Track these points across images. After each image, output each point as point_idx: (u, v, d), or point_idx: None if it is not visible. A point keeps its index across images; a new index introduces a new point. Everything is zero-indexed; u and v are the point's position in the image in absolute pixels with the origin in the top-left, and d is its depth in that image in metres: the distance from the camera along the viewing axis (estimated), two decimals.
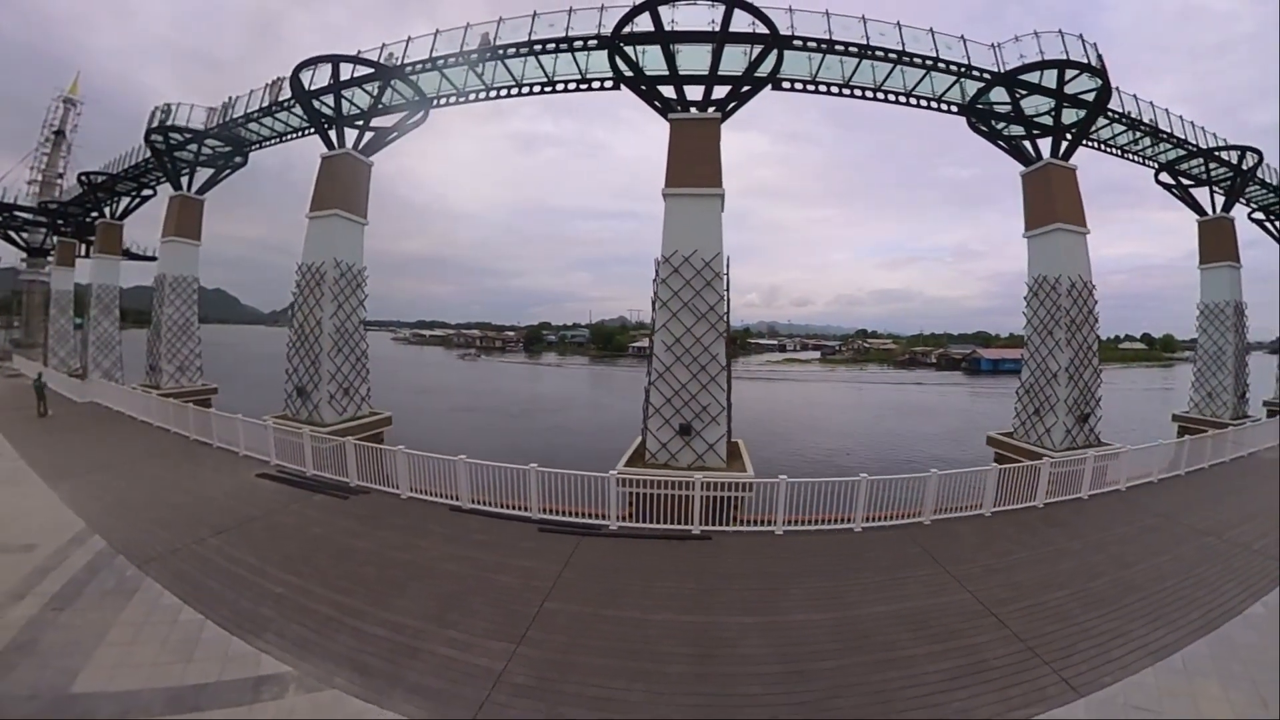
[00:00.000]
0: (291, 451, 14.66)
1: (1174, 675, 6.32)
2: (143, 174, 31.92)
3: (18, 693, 5.58)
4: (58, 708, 5.43)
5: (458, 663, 6.27)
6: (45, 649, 6.32)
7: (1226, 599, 8.07)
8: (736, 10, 15.73)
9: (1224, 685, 6.09)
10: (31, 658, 6.14)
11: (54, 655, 6.22)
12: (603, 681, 5.99)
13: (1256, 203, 29.70)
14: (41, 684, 5.73)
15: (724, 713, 5.59)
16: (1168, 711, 5.69)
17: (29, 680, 5.78)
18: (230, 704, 5.61)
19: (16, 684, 5.71)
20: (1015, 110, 19.23)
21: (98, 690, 5.69)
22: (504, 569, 8.68)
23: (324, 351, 18.31)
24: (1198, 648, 6.84)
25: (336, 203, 19.01)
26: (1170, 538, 10.70)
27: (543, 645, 6.61)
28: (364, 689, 5.80)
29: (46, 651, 6.28)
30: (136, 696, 5.62)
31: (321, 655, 6.37)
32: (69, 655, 6.21)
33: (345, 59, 19.01)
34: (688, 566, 9.18)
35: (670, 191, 16.66)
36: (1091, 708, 5.74)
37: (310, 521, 10.73)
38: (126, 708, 5.48)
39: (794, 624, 7.31)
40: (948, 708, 5.65)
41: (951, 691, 5.91)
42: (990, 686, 6.01)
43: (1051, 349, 18.11)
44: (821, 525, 10.78)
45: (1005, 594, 8.14)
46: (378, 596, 7.71)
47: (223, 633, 6.82)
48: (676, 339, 15.81)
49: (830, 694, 5.89)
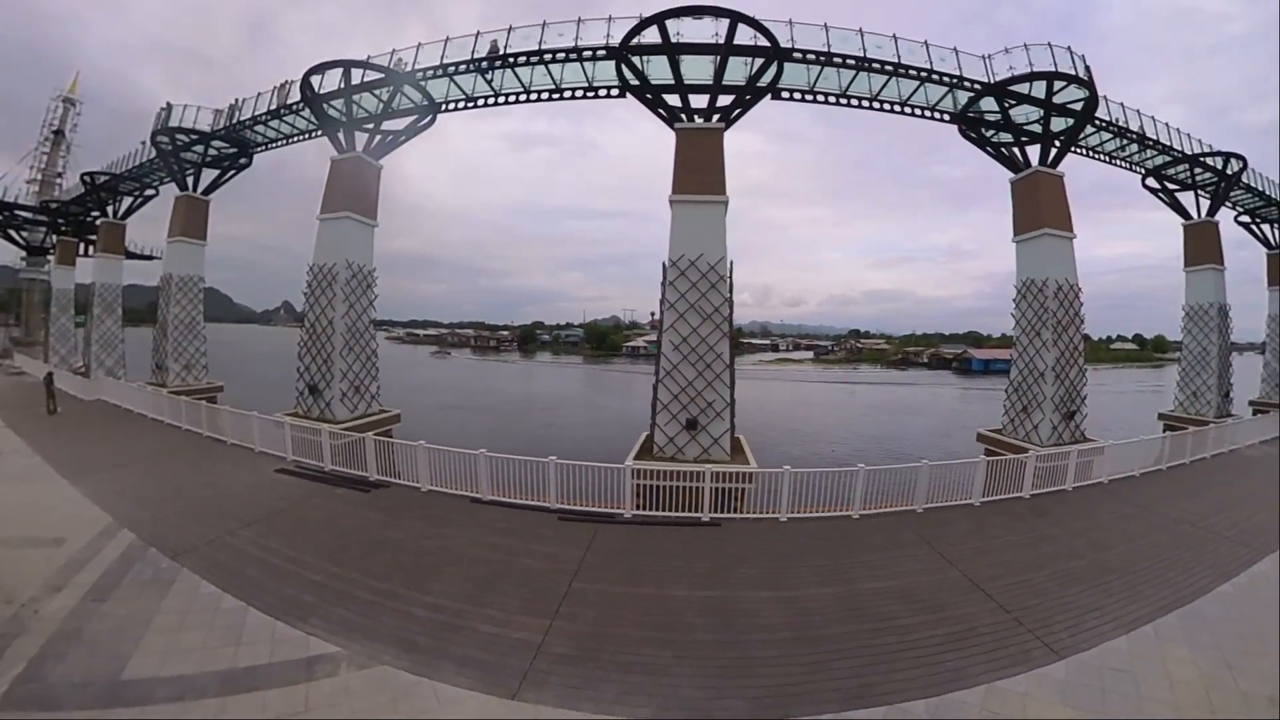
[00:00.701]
0: (307, 448, 15.12)
1: (1146, 642, 7.02)
2: (146, 174, 32.17)
3: (71, 680, 5.80)
4: (112, 694, 5.63)
5: (499, 637, 6.83)
6: (91, 638, 6.54)
7: (1198, 580, 8.75)
8: (740, 24, 16.41)
9: (1192, 651, 6.77)
10: (79, 647, 6.36)
11: (101, 644, 6.45)
12: (635, 649, 6.65)
13: (1243, 206, 30.54)
14: (93, 671, 5.95)
15: (744, 671, 6.26)
16: (1139, 672, 6.37)
17: (80, 668, 6.00)
18: (286, 683, 5.91)
19: (68, 672, 5.92)
20: (1005, 119, 20.01)
21: (150, 676, 5.94)
22: (530, 554, 9.30)
23: (336, 350, 18.82)
24: (1169, 620, 7.54)
25: (347, 205, 19.51)
26: (1147, 525, 11.44)
27: (576, 619, 7.25)
28: (413, 664, 6.22)
29: (93, 640, 6.50)
30: (190, 680, 5.90)
31: (368, 636, 6.77)
32: (116, 643, 6.46)
33: (356, 64, 19.50)
34: (700, 549, 9.85)
35: (676, 199, 17.31)
36: (1070, 668, 6.43)
37: (336, 514, 11.22)
38: (181, 691, 5.73)
39: (800, 597, 8.01)
40: (941, 667, 6.33)
41: (944, 653, 6.60)
42: (979, 649, 6.70)
43: (1039, 349, 18.93)
44: (822, 513, 11.50)
45: (992, 572, 8.86)
46: (415, 581, 8.22)
47: (267, 618, 7.12)
48: (683, 338, 16.50)
49: (835, 655, 6.58)
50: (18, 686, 5.68)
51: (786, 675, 6.22)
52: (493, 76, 19.57)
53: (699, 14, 16.51)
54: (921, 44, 18.69)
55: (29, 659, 6.09)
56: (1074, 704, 5.78)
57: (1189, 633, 7.22)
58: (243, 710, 5.51)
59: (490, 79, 19.70)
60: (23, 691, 5.62)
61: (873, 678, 6.16)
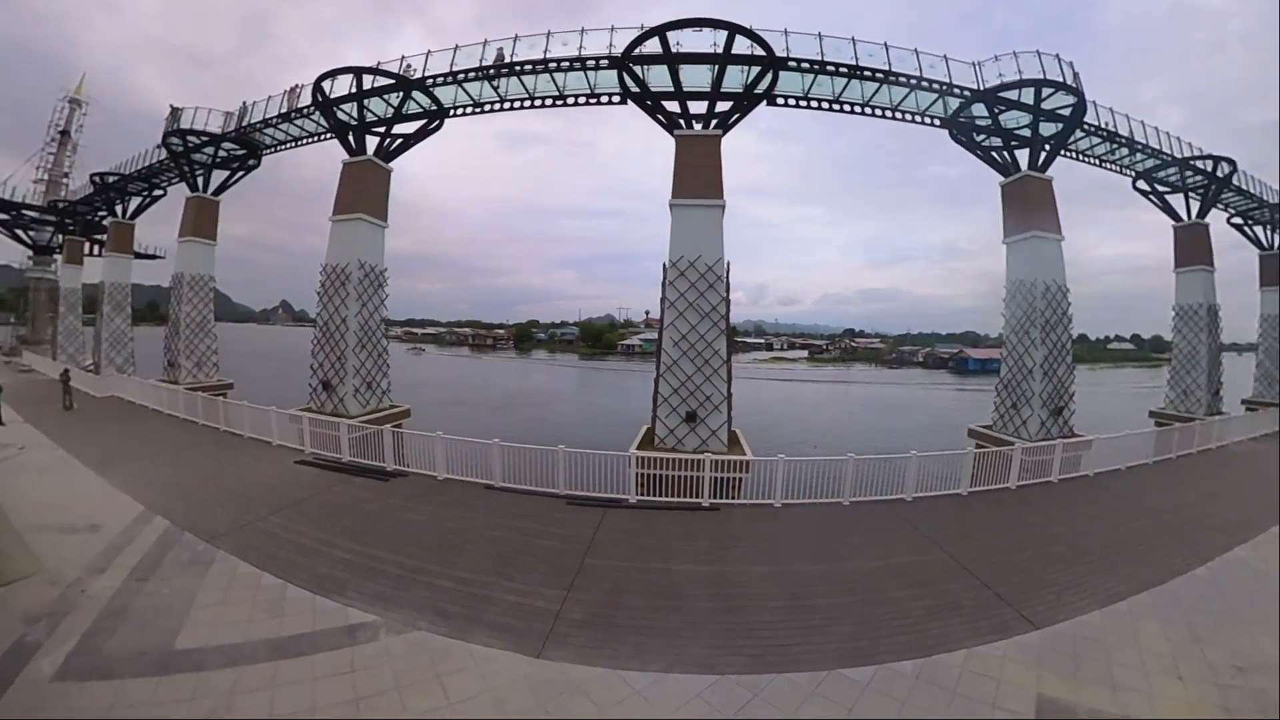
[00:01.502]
0: (324, 441, 15.72)
1: (1119, 616, 7.61)
2: (155, 175, 32.69)
3: (125, 652, 6.18)
4: (165, 664, 6.02)
5: (523, 606, 7.47)
6: (139, 614, 6.96)
7: (1174, 563, 9.30)
8: (737, 35, 17.14)
9: (1163, 625, 7.34)
10: (128, 622, 6.77)
11: (149, 619, 6.87)
12: (645, 615, 7.32)
13: (1234, 209, 31.04)
14: (145, 643, 6.34)
15: (745, 635, 6.91)
16: (1110, 642, 6.93)
17: (132, 641, 6.39)
18: (331, 649, 6.42)
19: (121, 644, 6.31)
20: (995, 124, 20.66)
21: (200, 646, 6.37)
22: (544, 535, 9.95)
23: (349, 347, 19.44)
24: (1142, 597, 8.11)
25: (360, 206, 20.14)
26: (1129, 514, 12.07)
27: (590, 590, 7.91)
28: (447, 629, 6.82)
29: (141, 616, 6.91)
30: (240, 649, 6.35)
31: (402, 606, 7.37)
32: (164, 618, 6.88)
33: (367, 70, 20.12)
34: (701, 531, 10.53)
35: (676, 202, 18.04)
36: (1046, 638, 7.03)
37: (360, 500, 11.83)
38: (233, 658, 6.15)
39: (795, 572, 8.68)
40: (926, 634, 6.98)
41: (929, 622, 7.25)
42: (962, 619, 7.34)
43: (1028, 347, 19.63)
44: (814, 500, 12.17)
45: (976, 554, 9.51)
46: (440, 558, 8.87)
47: (306, 593, 7.66)
48: (683, 335, 17.22)
49: (828, 623, 7.24)
50: (73, 659, 6.04)
51: (783, 638, 6.87)
52: (500, 83, 20.19)
53: (699, 26, 17.25)
54: (912, 51, 19.34)
55: (81, 634, 6.46)
56: (1048, 668, 6.38)
57: (1161, 609, 7.79)
58: (295, 673, 5.99)
59: (497, 86, 20.33)
60: (79, 663, 5.97)
61: (863, 642, 6.80)
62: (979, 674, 6.16)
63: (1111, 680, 6.19)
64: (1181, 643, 6.96)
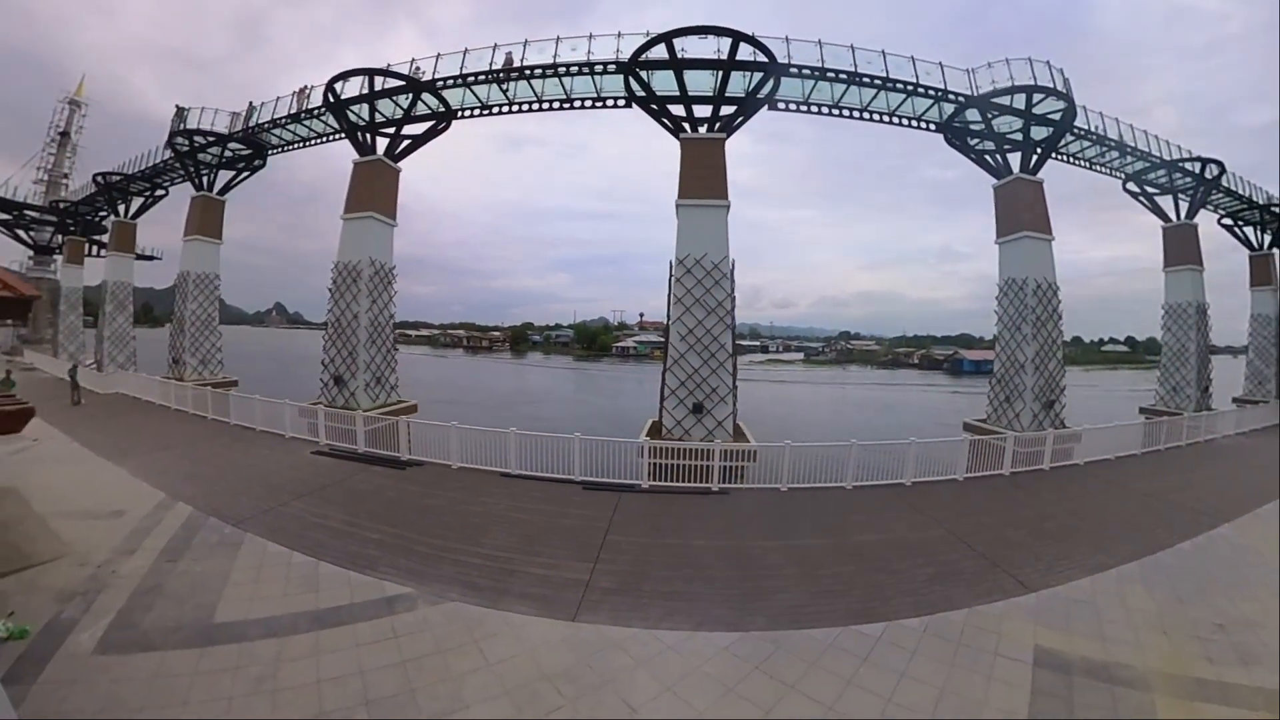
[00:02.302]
0: (337, 433, 16.10)
1: (1108, 581, 8.22)
2: (158, 174, 32.93)
3: (163, 626, 6.38)
4: (206, 635, 6.23)
5: (552, 578, 7.93)
6: (174, 591, 7.16)
7: (1160, 539, 9.89)
8: (741, 43, 17.76)
9: (1148, 589, 7.95)
10: (164, 599, 6.95)
11: (185, 595, 7.05)
12: (670, 583, 7.81)
13: (1224, 209, 31.82)
14: (183, 618, 6.55)
15: (761, 599, 7.43)
16: (1100, 603, 7.53)
17: (170, 616, 6.59)
18: (370, 618, 6.74)
19: (159, 619, 6.53)
20: (988, 129, 21.35)
21: (239, 619, 6.58)
22: (565, 516, 10.42)
23: (361, 343, 19.84)
24: (1130, 566, 8.72)
25: (371, 205, 20.56)
26: (1117, 497, 12.73)
27: (615, 562, 8.39)
28: (480, 600, 7.20)
29: (175, 593, 7.10)
30: (279, 620, 6.58)
31: (435, 580, 7.74)
32: (200, 594, 7.09)
33: (379, 72, 20.58)
34: (713, 512, 11.09)
35: (682, 203, 18.65)
36: (1041, 599, 7.60)
37: (380, 487, 12.23)
38: (273, 630, 6.38)
39: (803, 546, 9.24)
40: (930, 596, 7.51)
41: (931, 586, 7.79)
42: (962, 584, 7.89)
43: (1019, 343, 20.29)
44: (818, 484, 12.73)
45: (974, 530, 10.09)
46: (467, 537, 9.28)
47: (339, 570, 7.95)
48: (689, 330, 17.79)
49: (838, 587, 7.78)
50: (112, 633, 6.22)
51: (797, 600, 7.39)
52: (508, 86, 20.71)
53: (704, 33, 17.92)
54: (908, 58, 20.02)
55: (117, 610, 6.66)
56: (1043, 624, 6.92)
57: (1147, 576, 8.40)
58: (338, 641, 6.30)
59: (505, 89, 20.84)
60: (118, 637, 6.13)
61: (872, 603, 7.33)
62: (980, 628, 6.69)
63: (1102, 634, 6.75)
64: (1166, 604, 7.56)
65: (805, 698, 5.42)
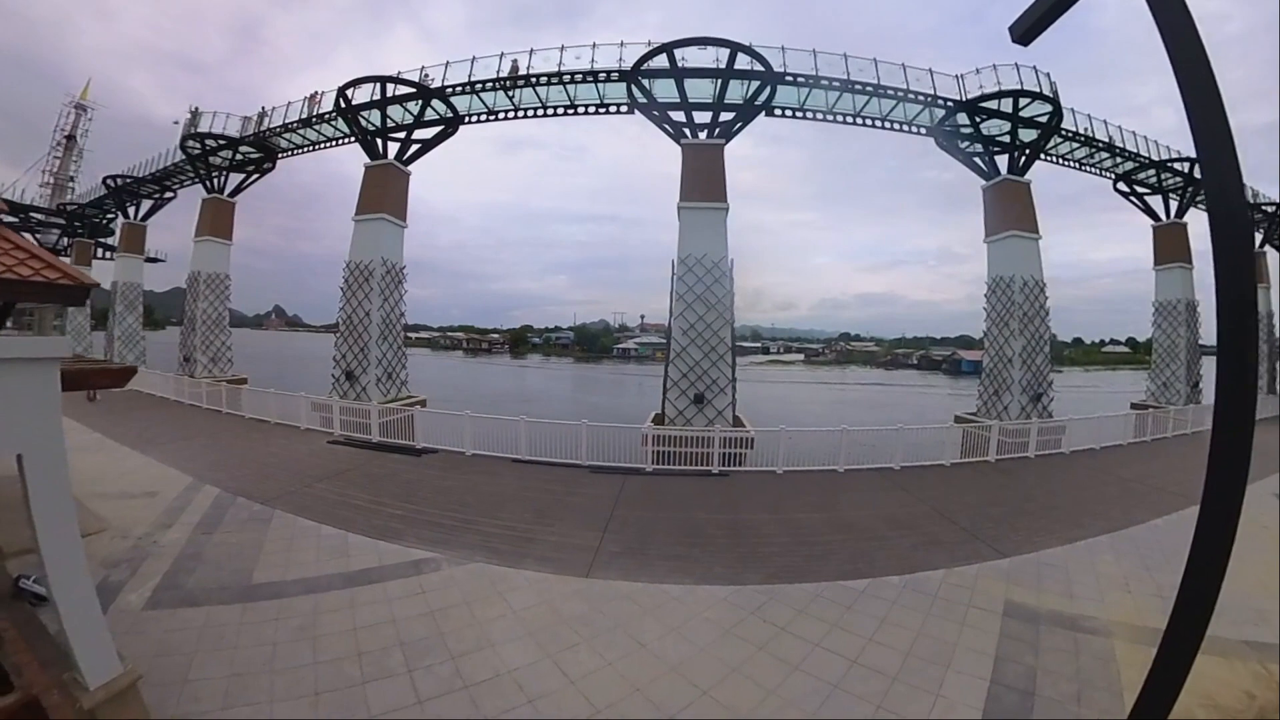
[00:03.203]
0: (352, 425, 16.74)
1: (1079, 551, 8.86)
2: (168, 177, 33.62)
3: (207, 586, 6.94)
4: (247, 593, 6.81)
5: (565, 544, 8.65)
6: (213, 558, 7.70)
7: (1134, 517, 10.51)
8: (739, 53, 18.64)
9: (1117, 557, 8.60)
10: (204, 565, 7.48)
11: (223, 562, 7.59)
12: (673, 547, 8.54)
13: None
14: (224, 579, 7.11)
15: (756, 562, 8.14)
16: (1070, 568, 8.17)
17: (211, 578, 7.15)
18: (400, 578, 7.41)
19: (202, 581, 7.08)
20: (976, 132, 22.11)
21: (277, 579, 7.18)
22: (574, 494, 11.13)
23: (372, 339, 20.54)
24: (1102, 539, 9.36)
25: (383, 207, 21.29)
26: (1098, 480, 13.40)
27: (622, 532, 9.10)
28: (501, 562, 7.88)
29: (215, 560, 7.64)
30: (315, 580, 7.20)
31: (458, 546, 8.41)
32: (237, 560, 7.63)
33: (390, 79, 21.33)
34: (713, 491, 11.82)
35: (684, 205, 19.50)
36: (1015, 563, 8.28)
37: (397, 471, 12.89)
38: (310, 588, 6.98)
39: (796, 519, 9.97)
40: (912, 559, 8.21)
41: (914, 552, 8.49)
42: (942, 551, 8.59)
43: (1007, 338, 21.02)
44: (812, 468, 13.45)
45: (957, 508, 10.80)
46: (484, 512, 9.98)
47: (367, 539, 8.61)
48: (691, 325, 18.57)
49: (827, 552, 8.49)
50: (159, 593, 6.77)
51: (789, 562, 8.10)
52: (514, 93, 21.49)
53: (704, 44, 18.83)
54: (899, 66, 20.82)
55: (162, 574, 7.24)
56: (1015, 583, 7.59)
57: (1118, 546, 9.04)
58: (371, 596, 6.98)
59: (512, 95, 21.62)
60: (165, 596, 6.69)
61: (859, 564, 8.03)
62: (956, 585, 7.39)
63: (1070, 593, 7.44)
64: (1133, 569, 8.21)
65: (795, 637, 6.11)
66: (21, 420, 3.76)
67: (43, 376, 3.85)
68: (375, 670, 5.56)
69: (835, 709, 5.04)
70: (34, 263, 4.50)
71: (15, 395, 3.70)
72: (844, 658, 5.76)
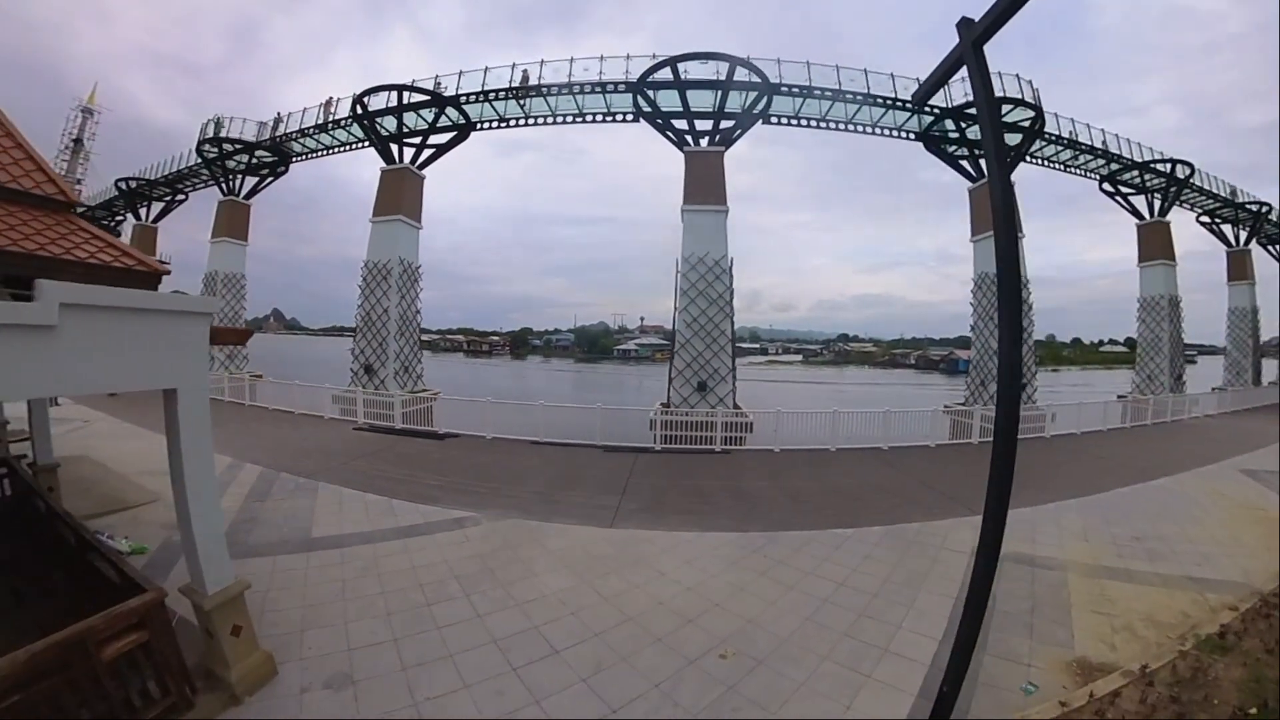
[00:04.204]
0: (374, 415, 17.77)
1: (1047, 510, 9.86)
2: (180, 180, 34.63)
3: (269, 541, 7.65)
4: (308, 545, 7.59)
5: (589, 504, 9.78)
6: (269, 520, 8.41)
7: (1101, 485, 11.55)
8: (738, 67, 20.06)
9: (1081, 515, 9.62)
10: (262, 525, 8.18)
11: (280, 522, 8.29)
12: (683, 505, 9.71)
13: (1201, 208, 33.43)
14: (284, 535, 7.85)
15: (756, 516, 9.29)
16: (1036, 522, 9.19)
17: (272, 534, 7.89)
18: (445, 530, 8.44)
19: (263, 537, 7.83)
20: (962, 137, 23.34)
21: (334, 534, 8.02)
22: (592, 468, 12.27)
23: (390, 335, 21.64)
24: (1069, 502, 10.36)
25: (399, 210, 22.42)
26: (1073, 457, 14.57)
27: (639, 495, 10.26)
28: (534, 517, 8.98)
29: (271, 521, 8.33)
30: (368, 534, 8.19)
31: (493, 507, 9.44)
32: (293, 521, 8.38)
33: (405, 88, 22.49)
34: (717, 465, 13.01)
35: (687, 208, 20.82)
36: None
37: (426, 451, 13.92)
38: (366, 539, 7.87)
39: (792, 485, 11.14)
40: (892, 514, 9.35)
41: (895, 510, 9.65)
42: (920, 509, 9.74)
43: (991, 331, 22.22)
44: (806, 447, 14.65)
45: (938, 479, 11.96)
46: (512, 482, 11.07)
47: (409, 503, 9.58)
48: (694, 318, 19.85)
49: (818, 509, 9.67)
50: None
51: (785, 516, 9.26)
52: (525, 102, 22.71)
53: (705, 59, 20.19)
54: (888, 76, 22.10)
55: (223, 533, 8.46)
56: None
57: (1083, 507, 10.06)
58: (421, 544, 7.99)
59: (523, 104, 22.84)
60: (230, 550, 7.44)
61: (846, 518, 9.17)
62: (930, 534, 8.53)
63: (1033, 540, 8.51)
64: (1093, 524, 9.29)
65: (790, 568, 7.24)
66: (180, 360, 4.60)
67: (198, 327, 4.79)
68: (437, 595, 6.60)
69: (825, 616, 6.14)
70: (112, 250, 5.16)
71: (177, 340, 4.55)
72: (832, 581, 6.89)
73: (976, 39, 3.05)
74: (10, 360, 3.53)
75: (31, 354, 3.61)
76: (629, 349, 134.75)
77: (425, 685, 4.98)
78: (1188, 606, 6.75)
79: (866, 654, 5.43)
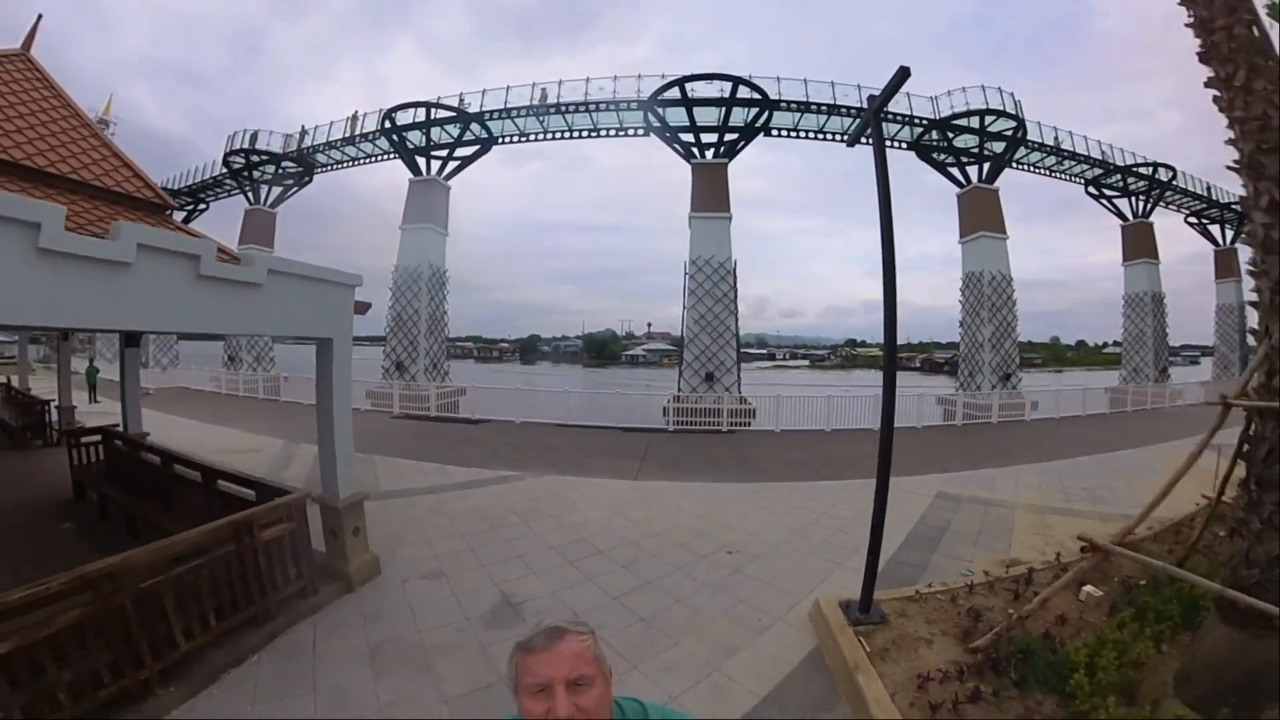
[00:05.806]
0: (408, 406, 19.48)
1: (1010, 470, 11.40)
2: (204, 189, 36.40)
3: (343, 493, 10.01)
4: (381, 496, 8.84)
5: (614, 466, 11.44)
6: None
7: (1066, 454, 13.03)
8: (740, 85, 22.04)
9: (1039, 475, 11.11)
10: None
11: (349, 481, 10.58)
12: (695, 467, 11.40)
13: (1187, 209, 34.78)
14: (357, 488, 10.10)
15: (758, 473, 10.97)
16: (997, 479, 10.74)
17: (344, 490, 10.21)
18: (496, 484, 10.04)
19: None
20: (950, 146, 25.05)
21: (401, 488, 9.62)
22: (614, 443, 13.97)
23: (421, 334, 23.48)
24: (1031, 465, 11.91)
25: (429, 218, 24.35)
26: (1047, 437, 15.89)
27: (656, 460, 11.96)
28: (570, 474, 10.63)
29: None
30: (431, 488, 9.77)
31: (531, 469, 11.02)
32: (361, 481, 9.47)
33: (432, 104, 24.44)
34: (724, 441, 14.71)
35: (694, 215, 22.72)
36: (952, 474, 10.93)
37: (463, 433, 15.54)
38: (430, 490, 9.53)
39: (790, 455, 12.80)
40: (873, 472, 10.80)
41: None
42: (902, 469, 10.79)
43: (978, 325, 23.86)
44: (804, 428, 16.34)
45: (921, 450, 13.54)
46: (544, 453, 12.69)
47: (459, 467, 11.15)
48: (701, 315, 21.67)
49: (809, 470, 11.31)
50: None
51: (779, 473, 10.95)
52: (544, 118, 24.66)
53: (710, 79, 22.19)
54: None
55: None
56: (948, 484, 10.23)
57: (1043, 469, 11.57)
58: (478, 493, 9.58)
59: (543, 120, 24.79)
60: None
61: (831, 474, 10.81)
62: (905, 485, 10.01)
63: (991, 488, 10.11)
64: (1047, 479, 10.79)
65: (783, 504, 8.90)
66: (336, 317, 6.28)
67: (346, 293, 6.47)
68: (499, 523, 8.24)
69: (810, 531, 7.79)
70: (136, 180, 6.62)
71: (335, 302, 6.23)
72: (816, 511, 8.57)
73: (876, 109, 4.72)
74: (237, 306, 5.04)
75: (247, 303, 5.12)
76: (636, 354, 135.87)
77: (502, 574, 6.60)
78: (1114, 531, 8.29)
79: (838, 554, 7.09)
